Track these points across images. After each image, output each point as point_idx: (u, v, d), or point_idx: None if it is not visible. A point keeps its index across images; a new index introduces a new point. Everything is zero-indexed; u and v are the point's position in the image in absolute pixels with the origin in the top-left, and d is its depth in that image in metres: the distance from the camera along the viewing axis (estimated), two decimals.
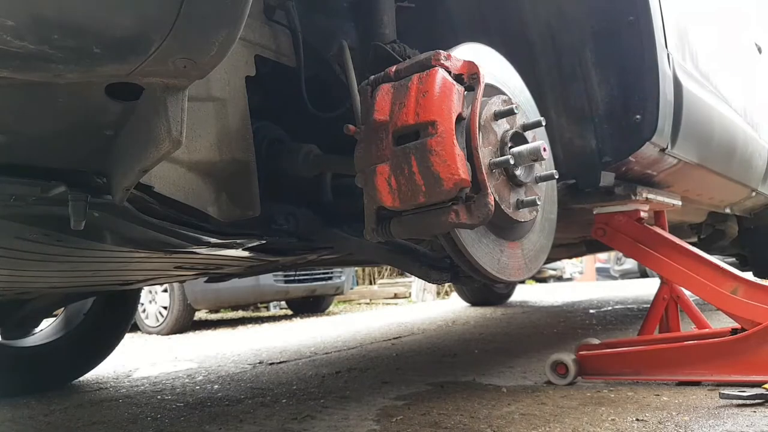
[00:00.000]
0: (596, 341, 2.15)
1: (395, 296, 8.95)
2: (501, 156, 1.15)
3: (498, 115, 1.17)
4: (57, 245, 1.33)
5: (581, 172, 1.84)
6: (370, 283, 10.75)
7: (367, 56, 1.41)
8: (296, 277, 5.96)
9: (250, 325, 5.83)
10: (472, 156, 1.08)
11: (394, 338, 3.80)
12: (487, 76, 1.14)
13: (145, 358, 3.71)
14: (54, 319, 2.86)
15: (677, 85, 1.86)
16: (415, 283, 8.51)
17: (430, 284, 8.01)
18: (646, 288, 6.53)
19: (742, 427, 1.41)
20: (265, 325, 5.72)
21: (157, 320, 5.62)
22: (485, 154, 1.11)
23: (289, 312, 7.22)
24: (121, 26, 0.65)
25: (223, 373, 2.82)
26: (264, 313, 7.61)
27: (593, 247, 3.98)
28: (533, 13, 1.79)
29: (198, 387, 2.52)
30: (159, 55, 0.68)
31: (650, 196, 2.11)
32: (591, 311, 4.82)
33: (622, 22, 1.74)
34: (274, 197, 1.39)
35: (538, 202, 1.22)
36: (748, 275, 1.98)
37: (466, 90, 1.09)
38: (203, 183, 1.22)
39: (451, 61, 1.09)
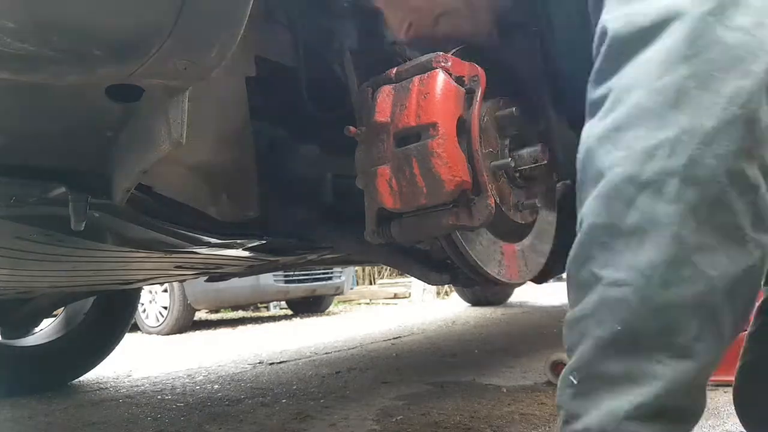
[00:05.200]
0: None
1: (395, 296, 8.94)
2: (501, 158, 1.15)
3: (498, 117, 1.17)
4: (57, 245, 1.33)
5: None
6: (370, 283, 10.75)
7: (367, 57, 1.40)
8: (296, 277, 5.95)
9: (250, 325, 5.83)
10: (473, 158, 1.08)
11: (394, 338, 3.80)
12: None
13: (145, 358, 3.71)
14: (54, 319, 2.85)
15: None
16: (415, 284, 8.49)
17: (430, 284, 7.99)
18: None
19: (742, 427, 1.41)
20: (265, 325, 5.71)
21: (158, 320, 5.62)
22: (486, 156, 1.11)
23: (289, 312, 7.21)
24: (122, 28, 0.65)
25: (223, 373, 2.82)
26: (264, 313, 7.61)
27: None
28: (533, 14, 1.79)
29: (198, 387, 2.52)
30: (159, 57, 0.68)
31: None
32: None
33: None
34: (274, 197, 1.39)
35: (538, 204, 1.22)
36: None
37: (466, 92, 1.09)
38: (203, 183, 1.22)
39: (451, 63, 1.09)
